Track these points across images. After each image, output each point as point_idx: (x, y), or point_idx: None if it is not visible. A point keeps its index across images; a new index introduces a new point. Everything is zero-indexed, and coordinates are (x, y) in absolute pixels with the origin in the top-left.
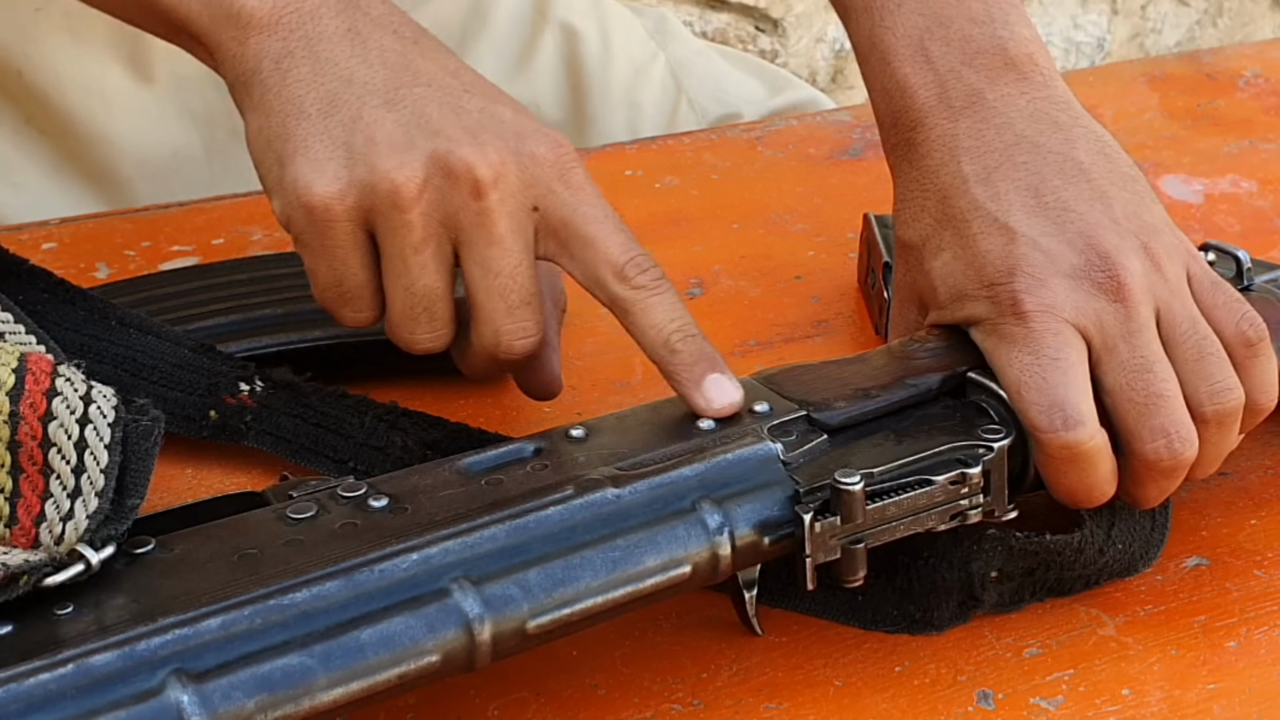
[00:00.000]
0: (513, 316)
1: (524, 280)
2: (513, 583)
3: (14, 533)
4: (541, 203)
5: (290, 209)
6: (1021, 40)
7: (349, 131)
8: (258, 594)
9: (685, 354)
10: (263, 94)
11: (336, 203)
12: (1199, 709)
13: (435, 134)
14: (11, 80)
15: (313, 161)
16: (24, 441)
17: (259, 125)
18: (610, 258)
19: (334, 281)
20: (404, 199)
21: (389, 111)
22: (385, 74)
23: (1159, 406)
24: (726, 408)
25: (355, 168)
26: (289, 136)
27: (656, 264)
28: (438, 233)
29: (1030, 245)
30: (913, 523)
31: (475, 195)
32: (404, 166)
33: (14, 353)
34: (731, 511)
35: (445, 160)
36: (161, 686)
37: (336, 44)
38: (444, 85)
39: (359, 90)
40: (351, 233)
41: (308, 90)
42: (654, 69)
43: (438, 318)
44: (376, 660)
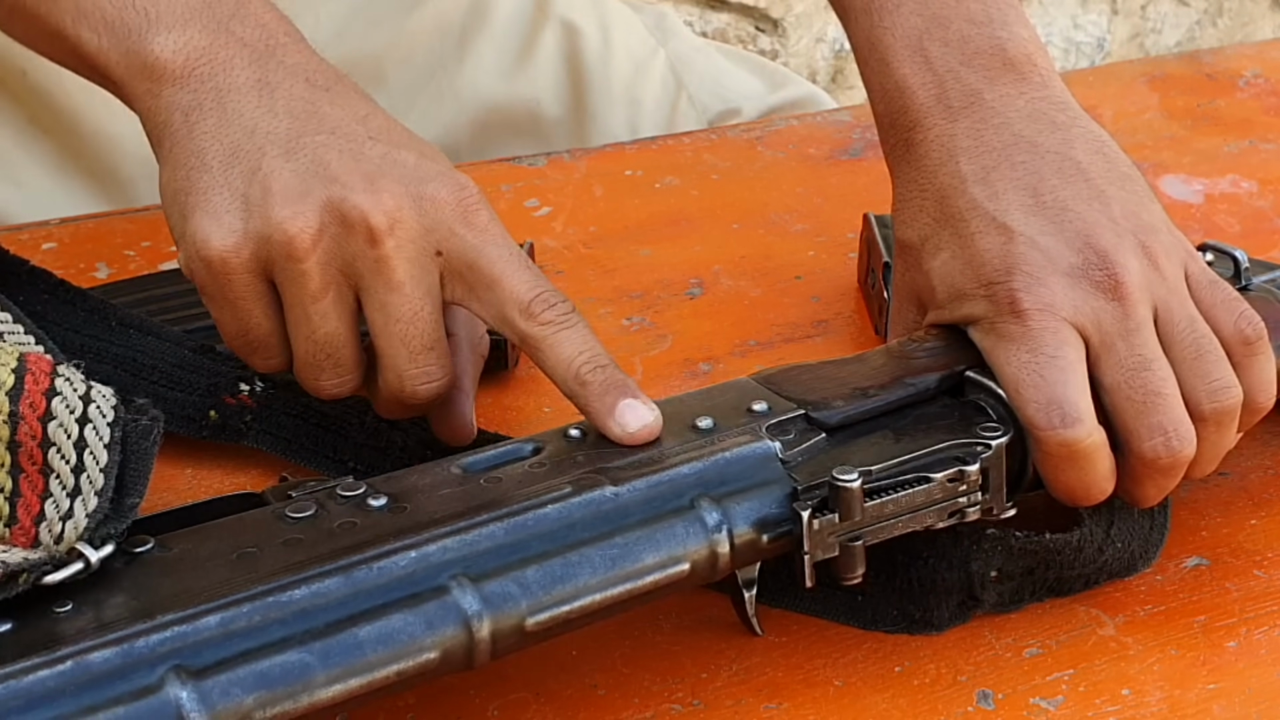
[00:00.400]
0: (414, 362)
1: (425, 325)
2: (511, 580)
3: (14, 532)
4: (444, 246)
5: (191, 261)
6: (1020, 41)
7: (247, 182)
8: (256, 591)
9: (595, 384)
10: (171, 146)
11: (233, 255)
12: (1199, 709)
13: (331, 181)
14: (16, 80)
15: (211, 214)
16: (24, 441)
17: (167, 177)
18: (516, 296)
19: (240, 331)
20: (298, 249)
21: (287, 161)
22: (289, 123)
23: (1157, 404)
24: (642, 431)
25: (251, 219)
26: (191, 189)
27: (565, 299)
28: (337, 280)
29: (1028, 244)
30: (911, 520)
31: (371, 242)
32: (298, 217)
33: (13, 353)
34: (730, 509)
35: (339, 208)
36: (160, 683)
37: (245, 95)
38: (348, 132)
39: (260, 140)
40: (251, 284)
41: (211, 142)
42: (654, 65)
43: (342, 364)
44: (375, 657)
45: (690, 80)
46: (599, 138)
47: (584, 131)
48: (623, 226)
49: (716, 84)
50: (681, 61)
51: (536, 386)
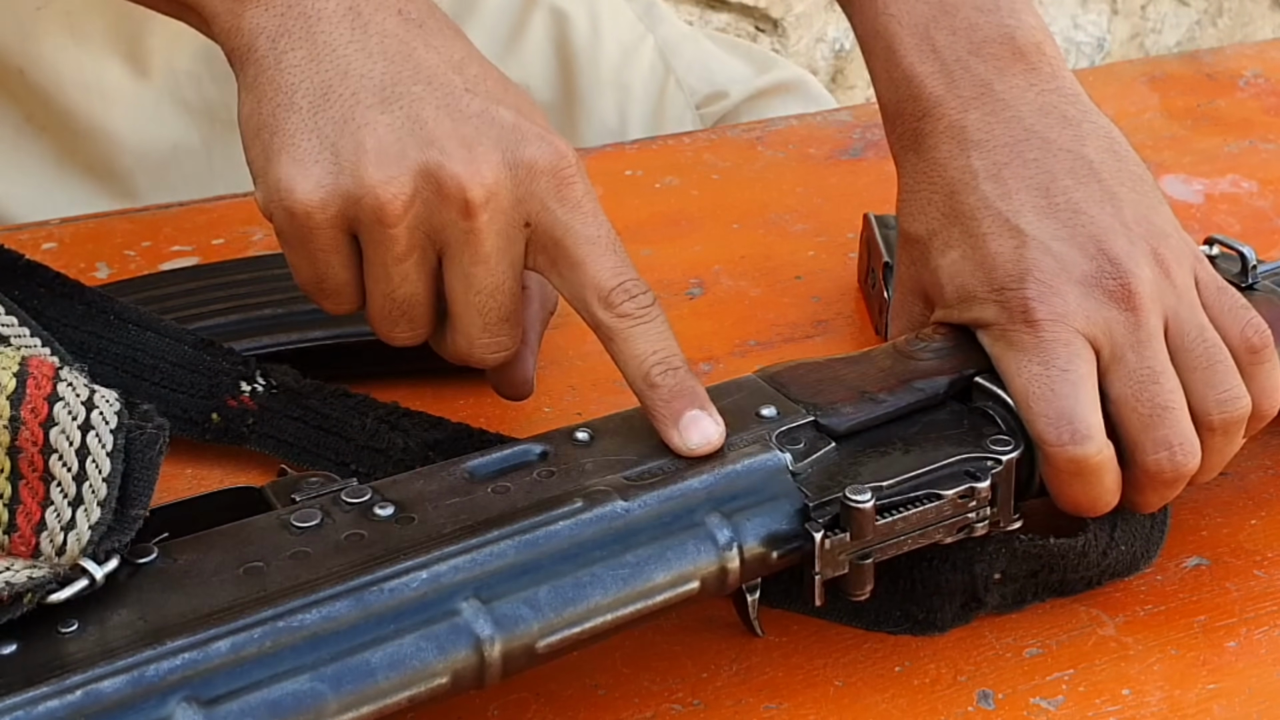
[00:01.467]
0: (489, 332)
1: (504, 299)
2: (523, 602)
3: (14, 540)
4: (535, 219)
5: (273, 206)
6: (1029, 29)
7: (339, 132)
8: (267, 615)
9: (664, 389)
10: (256, 74)
11: (319, 210)
12: (1199, 709)
13: (428, 144)
14: (13, 78)
15: (298, 162)
16: (24, 447)
17: (251, 108)
18: (598, 282)
19: (315, 278)
20: (389, 215)
21: (383, 113)
22: (384, 66)
23: (1164, 418)
24: (702, 447)
25: (341, 176)
26: (278, 128)
27: (648, 289)
28: (422, 244)
29: (1041, 249)
30: (920, 536)
31: (464, 214)
32: (391, 182)
33: (15, 356)
34: (741, 525)
35: (436, 175)
36: (171, 714)
37: (335, 25)
38: (445, 83)
39: (354, 84)
40: (333, 238)
41: (301, 78)
42: (642, 50)
43: (417, 320)
44: (387, 683)
45: (678, 65)
46: (588, 122)
47: (573, 116)
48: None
49: (704, 68)
50: (669, 47)
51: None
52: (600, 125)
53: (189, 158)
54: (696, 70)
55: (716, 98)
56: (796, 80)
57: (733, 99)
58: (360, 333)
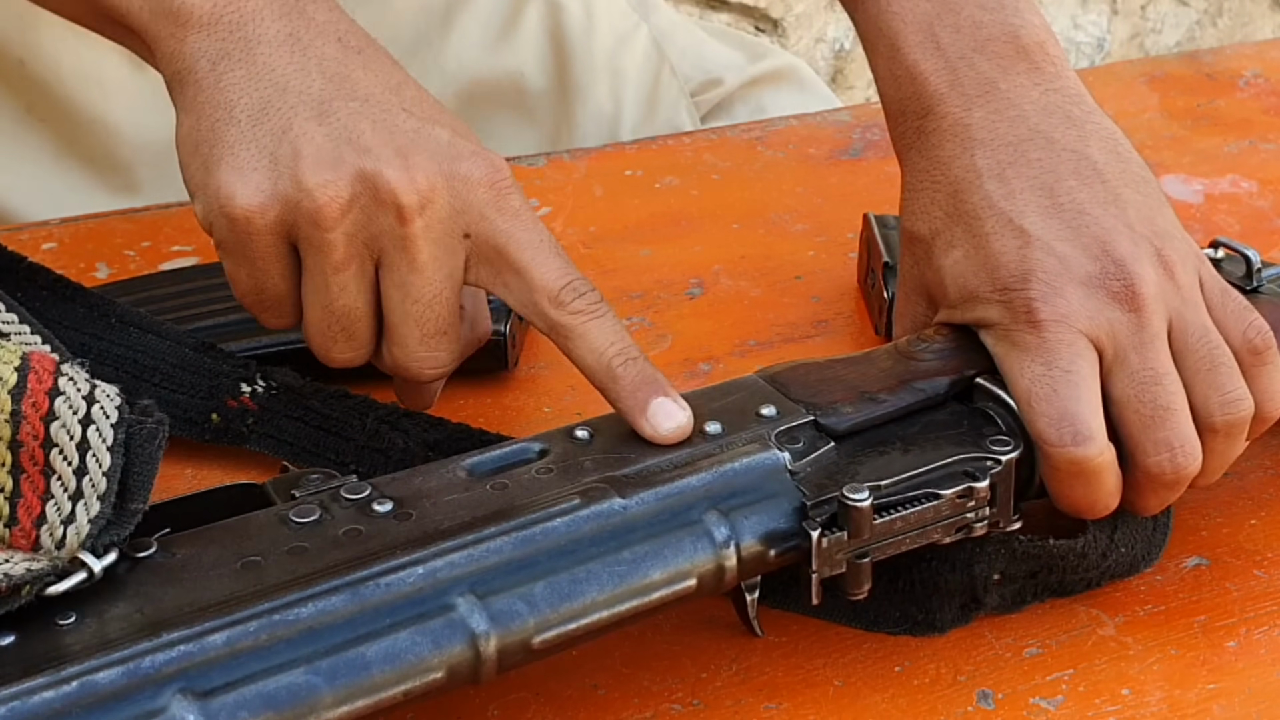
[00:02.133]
0: (425, 345)
1: (442, 310)
2: (518, 597)
3: (14, 533)
4: (473, 229)
5: (212, 215)
6: (1033, 28)
7: (277, 141)
8: (263, 609)
9: (627, 379)
10: (195, 94)
11: (258, 215)
12: (1199, 709)
13: (364, 151)
14: (13, 70)
15: (237, 170)
16: (25, 441)
17: (190, 126)
18: (545, 284)
19: (254, 289)
20: (326, 218)
21: (320, 125)
22: (321, 84)
23: (1165, 420)
24: (673, 433)
25: (279, 181)
26: (216, 141)
27: (594, 288)
28: (360, 253)
29: (1045, 250)
30: (919, 536)
31: (400, 220)
32: (328, 185)
33: (16, 351)
34: (738, 523)
35: (372, 180)
36: (167, 705)
37: (275, 49)
38: (381, 101)
39: (292, 99)
40: (273, 245)
41: (240, 95)
42: (636, 38)
43: (355, 337)
44: (382, 677)
45: (672, 52)
46: (583, 110)
47: (568, 104)
48: (623, 226)
49: (698, 56)
50: (663, 35)
51: (536, 386)
52: (596, 113)
53: None
54: (690, 58)
55: (710, 85)
56: (790, 68)
57: (727, 86)
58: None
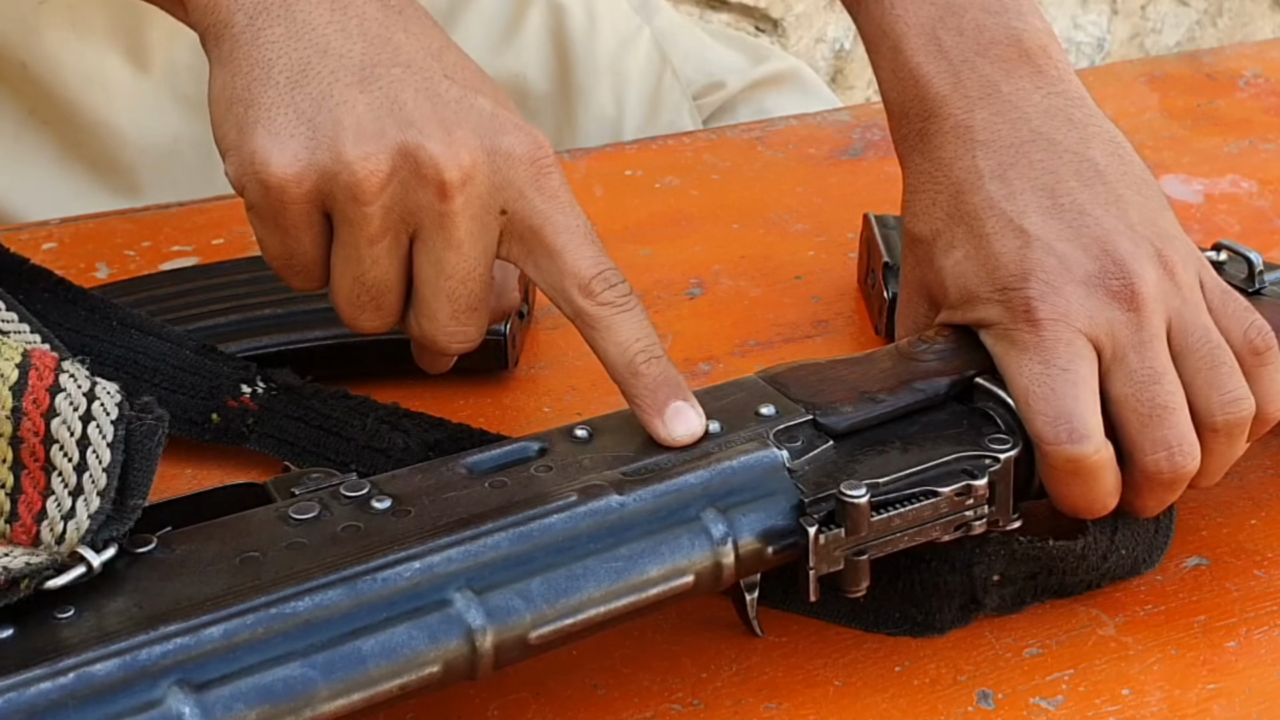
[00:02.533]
0: (457, 320)
1: (475, 286)
2: (515, 593)
3: (15, 529)
4: (511, 207)
5: (245, 179)
6: (1035, 31)
7: (316, 108)
8: (260, 602)
9: (648, 378)
10: (232, 49)
11: (294, 184)
12: (1199, 709)
13: (407, 124)
14: (16, 73)
15: (274, 135)
16: (26, 437)
17: (224, 82)
18: (577, 271)
19: (283, 254)
20: (365, 193)
21: (361, 92)
22: (363, 47)
23: (1163, 419)
24: (686, 437)
25: (318, 151)
26: (253, 101)
27: (625, 280)
28: (396, 226)
29: (1045, 250)
30: (917, 534)
31: (440, 196)
32: (369, 159)
33: (17, 348)
34: (736, 520)
35: (414, 155)
36: (163, 697)
37: (315, 6)
38: (423, 68)
39: (333, 63)
40: (306, 214)
41: (279, 54)
42: (639, 40)
43: (384, 307)
44: (378, 671)
45: (674, 55)
46: (585, 112)
47: (571, 107)
48: (623, 226)
49: (701, 58)
50: (665, 37)
51: (536, 387)
52: (598, 115)
53: (190, 151)
54: (693, 60)
55: (713, 88)
56: (792, 71)
57: (729, 89)
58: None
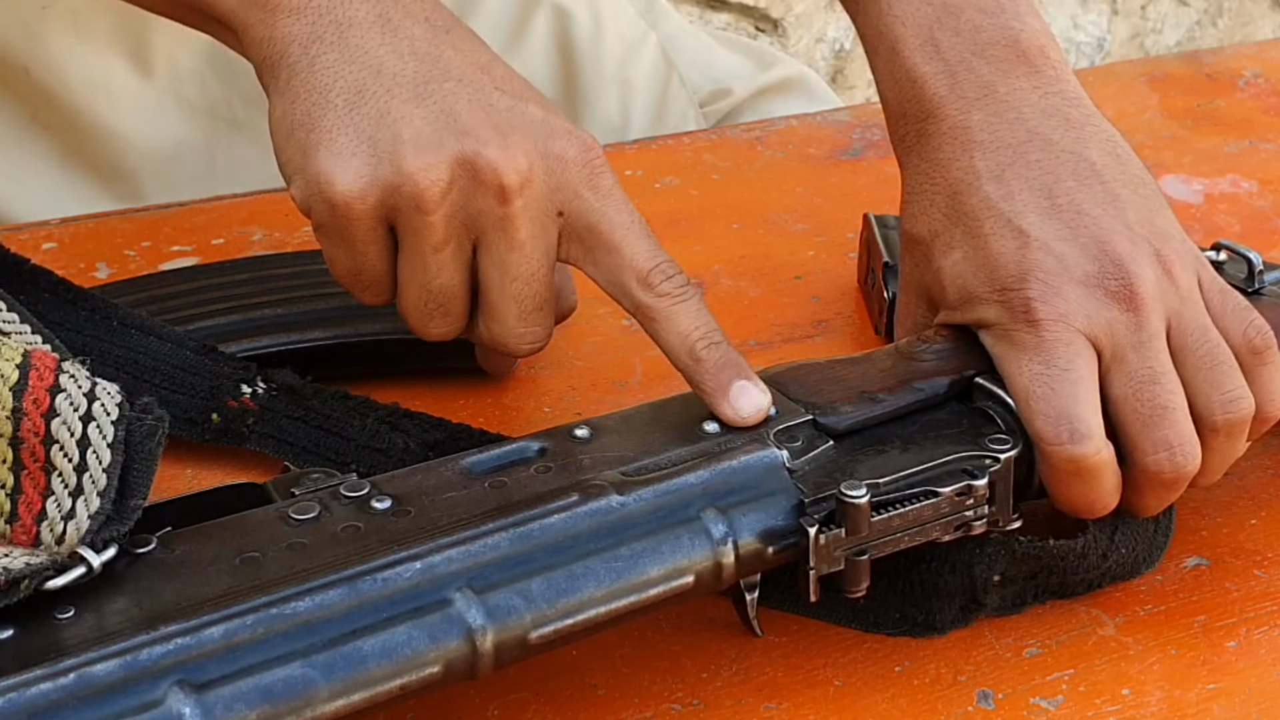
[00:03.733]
0: (524, 321)
1: (540, 287)
2: (515, 593)
3: (15, 530)
4: (567, 207)
5: (312, 199)
6: (1033, 32)
7: (375, 126)
8: (260, 602)
9: (710, 362)
10: (289, 78)
11: (359, 201)
12: (1199, 709)
13: (463, 134)
14: (18, 77)
15: (337, 155)
16: (26, 437)
17: (283, 110)
18: (635, 264)
19: (353, 270)
20: (428, 202)
21: (417, 107)
22: (415, 65)
23: (1163, 418)
24: (755, 415)
25: (380, 166)
26: (313, 125)
27: (681, 271)
28: (459, 233)
29: (1043, 250)
30: (917, 534)
31: (500, 200)
32: (429, 169)
33: (18, 348)
34: (736, 521)
35: (472, 162)
36: (163, 697)
37: (367, 31)
38: (474, 81)
39: (387, 82)
40: (372, 228)
41: (335, 78)
42: (645, 47)
43: (452, 313)
44: (378, 671)
45: (681, 61)
46: (591, 119)
47: (576, 113)
48: None
49: (707, 65)
50: (672, 44)
51: (536, 387)
52: (604, 123)
53: (193, 156)
54: (699, 67)
55: (720, 95)
56: (799, 77)
57: (736, 97)
58: (360, 333)
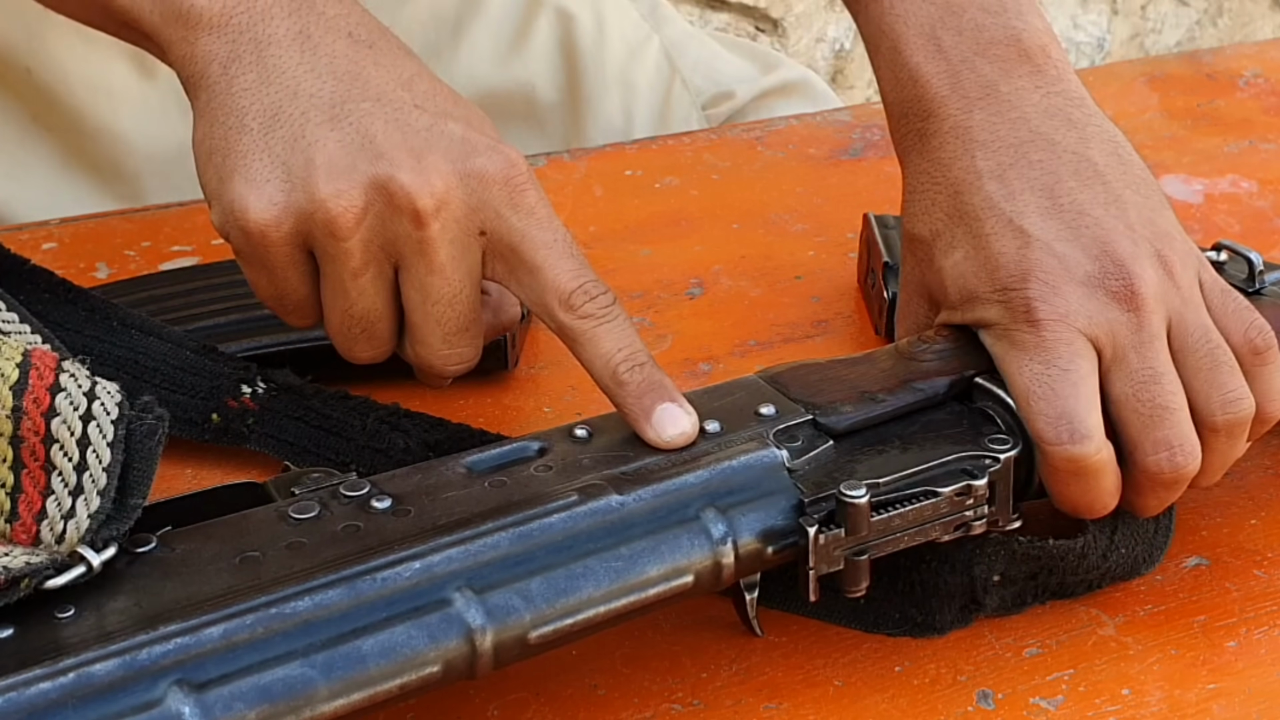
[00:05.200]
0: (449, 343)
1: (463, 308)
2: (515, 592)
3: (15, 529)
4: (489, 226)
5: (228, 226)
6: (1035, 31)
7: (289, 150)
8: (260, 602)
9: (633, 385)
10: (208, 99)
11: (273, 228)
12: (1199, 709)
13: (378, 157)
14: (20, 79)
15: (250, 181)
16: (26, 437)
17: (203, 132)
18: (557, 285)
19: (275, 295)
20: (342, 228)
21: (332, 130)
22: (333, 86)
23: (1164, 418)
24: (678, 438)
25: (293, 193)
26: (229, 150)
27: (608, 290)
28: (378, 257)
29: (1045, 250)
30: (917, 534)
31: (416, 224)
32: (342, 195)
33: (18, 347)
34: (735, 520)
35: (386, 186)
36: (163, 696)
37: (285, 49)
38: (393, 99)
39: (303, 104)
40: (290, 254)
41: (252, 101)
42: (648, 50)
43: (376, 336)
44: (378, 670)
45: (684, 64)
46: (594, 122)
47: (579, 116)
48: (623, 226)
49: (710, 68)
50: (675, 46)
51: (536, 387)
52: (606, 125)
53: None
54: (702, 70)
55: (723, 98)
56: (802, 80)
57: (739, 99)
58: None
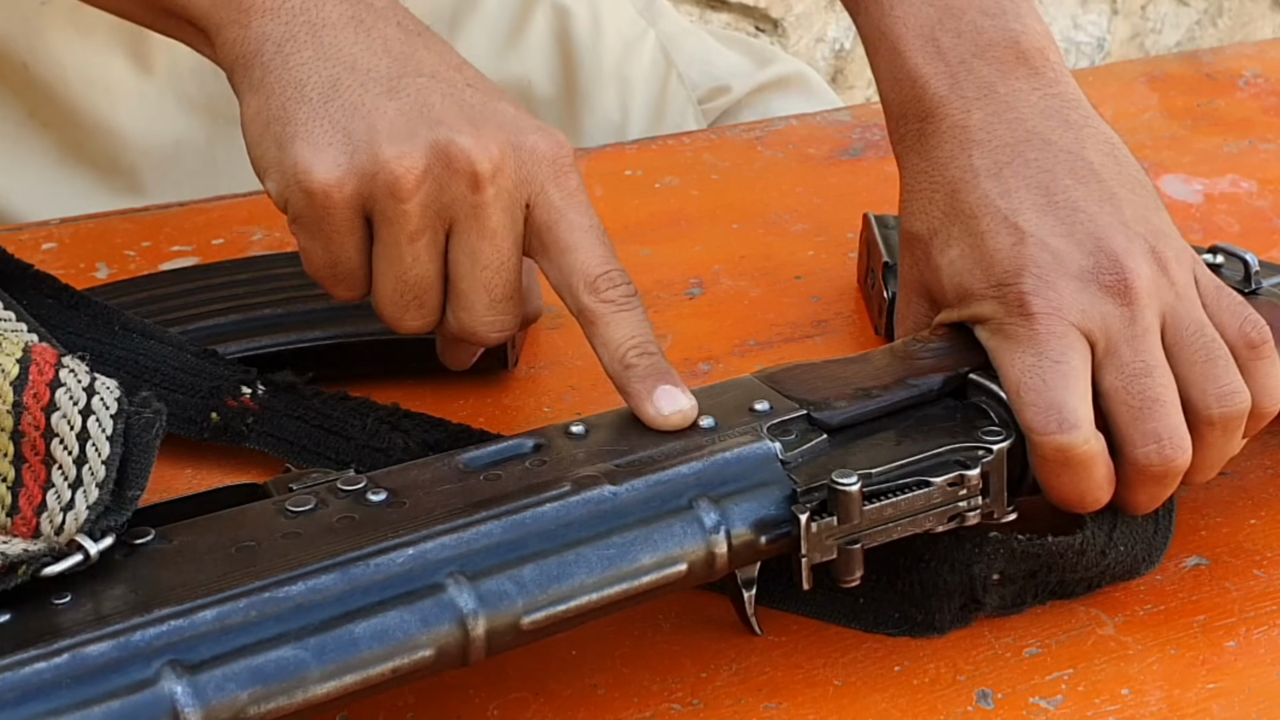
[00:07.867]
0: (493, 310)
1: (509, 275)
2: (507, 578)
3: (15, 522)
4: (534, 200)
5: (288, 191)
6: (1033, 34)
7: (350, 117)
8: (253, 586)
9: (639, 368)
10: (263, 75)
11: (336, 189)
12: (1199, 709)
13: (437, 123)
14: (17, 73)
15: (313, 145)
16: (27, 431)
17: (258, 106)
18: (585, 268)
19: (329, 262)
20: (403, 189)
21: (391, 100)
22: (388, 62)
23: (1153, 411)
24: (676, 415)
25: (356, 155)
26: (289, 119)
27: (629, 281)
28: (433, 222)
29: (1039, 245)
30: (910, 524)
31: (473, 187)
32: (404, 156)
33: (19, 343)
34: (728, 510)
35: (446, 150)
36: (156, 677)
37: (340, 31)
38: (446, 77)
39: (361, 77)
40: (349, 219)
41: (310, 74)
42: (644, 45)
43: (426, 304)
44: (370, 654)
45: (680, 59)
46: (590, 117)
47: (575, 111)
48: (623, 226)
49: (706, 63)
50: (671, 41)
51: (536, 387)
52: (603, 120)
53: (193, 153)
54: (698, 64)
55: (719, 93)
56: (798, 74)
57: (735, 94)
58: (360, 333)
